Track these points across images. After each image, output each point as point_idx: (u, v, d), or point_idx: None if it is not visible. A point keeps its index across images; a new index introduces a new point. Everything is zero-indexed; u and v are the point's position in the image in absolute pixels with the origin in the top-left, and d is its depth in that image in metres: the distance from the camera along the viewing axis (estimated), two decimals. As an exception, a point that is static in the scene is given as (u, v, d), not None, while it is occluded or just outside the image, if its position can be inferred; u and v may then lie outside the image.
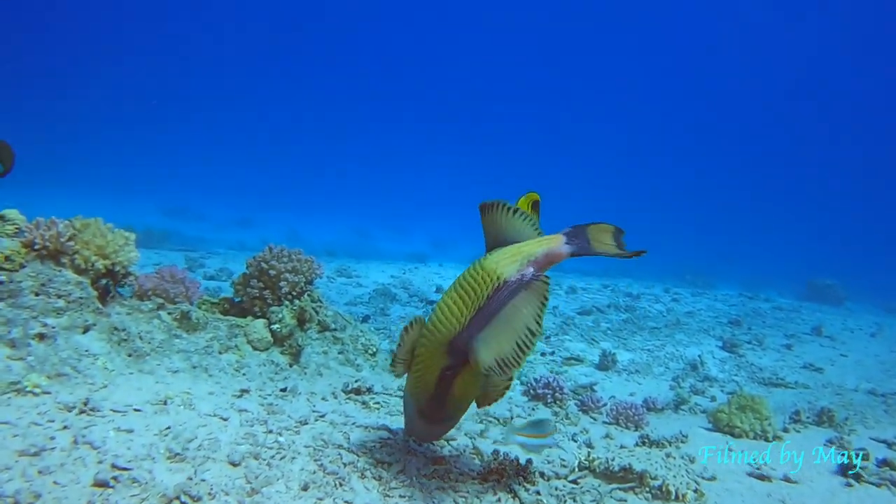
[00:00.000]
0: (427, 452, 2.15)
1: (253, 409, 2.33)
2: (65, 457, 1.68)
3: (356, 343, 3.23)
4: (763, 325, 7.82)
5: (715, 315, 8.27)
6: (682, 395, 4.49)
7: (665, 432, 2.98)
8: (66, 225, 2.41)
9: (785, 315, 8.75)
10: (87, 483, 1.56)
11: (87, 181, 20.28)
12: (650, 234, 22.50)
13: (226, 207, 20.74)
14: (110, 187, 20.22)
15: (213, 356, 2.68)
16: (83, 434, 1.81)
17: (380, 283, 8.36)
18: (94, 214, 2.61)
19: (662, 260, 18.08)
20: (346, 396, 2.74)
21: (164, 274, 2.83)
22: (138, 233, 8.17)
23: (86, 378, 2.20)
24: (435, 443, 2.27)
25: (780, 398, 4.70)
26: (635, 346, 6.16)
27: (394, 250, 16.48)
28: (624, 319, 7.34)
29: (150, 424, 1.99)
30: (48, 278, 2.31)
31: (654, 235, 25.36)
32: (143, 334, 2.53)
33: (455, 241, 20.09)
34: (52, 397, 2.03)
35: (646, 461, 2.26)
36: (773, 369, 5.57)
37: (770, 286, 13.69)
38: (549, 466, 2.27)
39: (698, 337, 6.72)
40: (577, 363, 5.43)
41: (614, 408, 3.27)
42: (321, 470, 1.87)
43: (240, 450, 1.89)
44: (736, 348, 6.17)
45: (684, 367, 5.53)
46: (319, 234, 18.50)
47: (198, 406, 2.22)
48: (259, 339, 2.88)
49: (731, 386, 5.01)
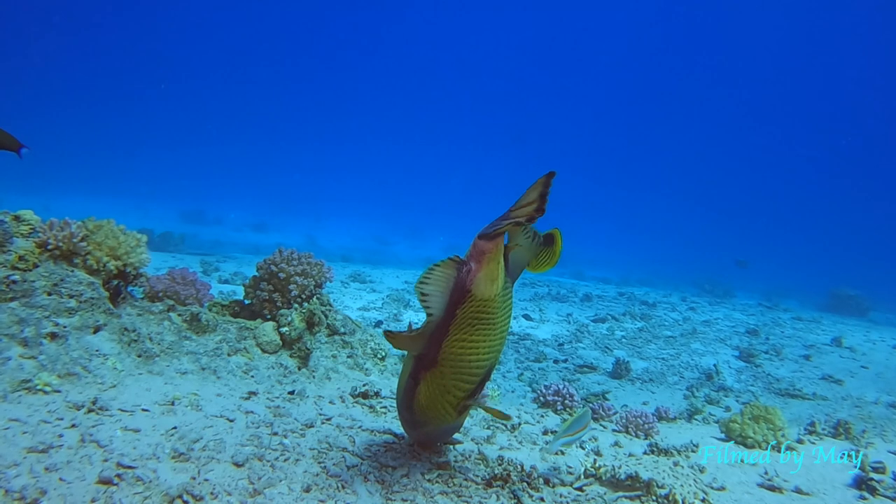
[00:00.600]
0: (432, 457, 2.15)
1: (259, 411, 2.35)
2: (72, 454, 1.71)
3: (365, 347, 3.24)
4: (781, 335, 7.72)
5: (732, 325, 8.18)
6: (696, 404, 4.46)
7: (675, 441, 2.95)
8: (78, 226, 2.45)
9: (805, 325, 8.63)
10: (92, 480, 1.59)
11: (111, 187, 20.64)
12: (669, 244, 22.33)
13: (243, 212, 20.97)
14: (134, 193, 20.56)
15: (221, 358, 2.71)
16: (90, 433, 1.84)
17: (394, 289, 8.39)
18: (118, 219, 2.66)
19: (681, 269, 17.96)
20: (353, 400, 2.75)
21: (174, 276, 2.86)
22: (156, 237, 8.32)
23: (95, 378, 2.23)
24: (442, 447, 2.27)
25: (796, 410, 4.64)
26: (650, 354, 6.12)
27: (411, 256, 16.54)
28: (639, 328, 7.29)
29: (156, 425, 2.02)
30: (61, 278, 2.35)
31: (673, 245, 25.19)
32: (153, 335, 2.57)
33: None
34: (62, 396, 2.07)
35: (653, 470, 2.24)
36: (790, 380, 5.50)
37: (791, 297, 13.53)
38: (555, 473, 2.27)
39: (714, 346, 6.65)
40: (591, 371, 5.41)
41: (624, 416, 3.25)
42: (324, 472, 1.88)
43: (244, 451, 1.91)
44: (753, 358, 6.10)
45: (699, 377, 5.48)
46: (336, 239, 18.64)
47: (205, 407, 2.25)
48: (268, 342, 2.90)
49: (747, 396, 4.95)
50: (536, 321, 7.19)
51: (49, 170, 21.95)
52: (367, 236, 20.91)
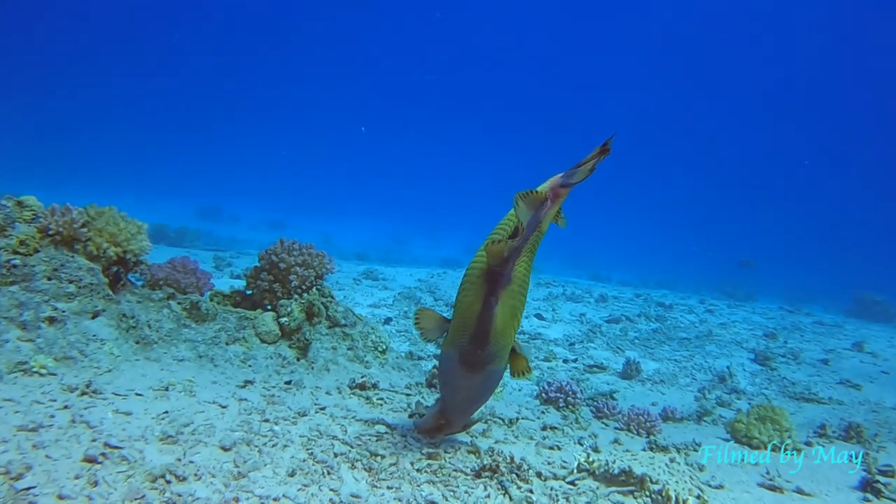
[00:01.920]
0: (423, 448, 2.16)
1: (254, 399, 2.38)
2: (61, 434, 1.74)
3: (366, 340, 3.27)
4: (801, 339, 7.61)
5: (750, 328, 8.08)
6: (707, 406, 4.42)
7: (677, 440, 2.94)
8: (80, 212, 2.50)
9: (826, 330, 8.49)
10: (77, 458, 1.62)
11: (128, 183, 20.96)
12: (692, 247, 22.03)
13: (259, 209, 21.17)
14: (153, 188, 20.87)
15: (220, 347, 2.74)
16: (81, 414, 1.88)
17: (406, 287, 8.41)
18: (135, 214, 2.71)
19: (703, 273, 17.77)
20: (350, 391, 2.77)
21: (175, 264, 2.91)
22: (172, 232, 8.42)
23: (92, 362, 2.28)
24: (445, 437, 2.28)
25: (811, 413, 4.57)
26: (662, 356, 6.07)
27: (427, 256, 16.56)
28: (653, 329, 7.24)
29: (148, 408, 2.06)
30: (61, 263, 2.41)
31: (696, 248, 24.95)
32: (151, 322, 2.61)
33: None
34: (58, 378, 2.11)
35: (648, 465, 2.23)
36: (806, 384, 5.42)
37: (815, 301, 13.33)
38: (548, 467, 2.26)
39: (730, 349, 6.58)
40: (600, 371, 5.38)
41: (626, 414, 3.23)
42: (311, 458, 1.90)
43: (233, 436, 1.93)
44: (769, 361, 6.03)
45: (712, 379, 5.43)
46: (353, 238, 18.72)
47: (199, 394, 2.28)
48: (267, 332, 2.93)
49: (760, 399, 4.89)
50: (549, 321, 7.17)
51: (68, 166, 22.40)
52: (384, 235, 20.99)
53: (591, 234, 27.35)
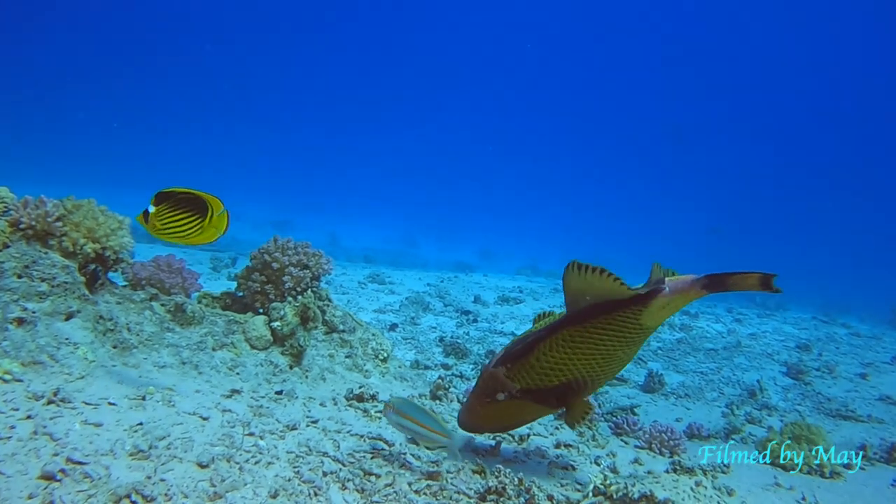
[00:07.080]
0: (423, 467, 2.06)
1: (239, 410, 2.28)
2: (19, 447, 1.65)
3: (366, 347, 3.16)
4: (836, 351, 7.42)
5: (782, 339, 7.90)
6: (735, 423, 4.28)
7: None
8: (55, 205, 2.42)
9: (863, 342, 8.29)
10: (34, 475, 1.53)
11: (126, 180, 21.03)
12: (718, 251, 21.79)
13: (264, 208, 21.14)
14: (152, 188, 20.88)
15: (205, 353, 2.65)
16: (45, 425, 1.79)
17: (414, 291, 8.31)
18: (135, 211, 2.61)
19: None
20: (346, 403, 2.66)
21: (160, 263, 2.82)
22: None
23: (63, 367, 2.19)
24: (440, 454, 2.18)
25: (848, 432, 4.42)
26: (687, 368, 5.92)
27: (439, 259, 16.44)
28: (678, 339, 7.09)
29: (121, 420, 1.96)
30: (32, 260, 2.32)
31: (722, 252, 24.66)
32: (131, 325, 2.52)
33: (509, 252, 20.00)
34: (24, 385, 2.02)
35: (671, 490, 2.11)
36: (843, 400, 5.25)
37: (851, 312, 13.06)
38: (561, 490, 2.15)
39: (760, 361, 6.42)
40: (620, 383, 5.25)
41: (648, 431, 3.11)
42: (297, 477, 1.80)
43: (212, 451, 1.83)
44: (802, 375, 5.86)
45: (741, 394, 5.28)
46: (361, 240, 18.65)
47: (179, 404, 2.19)
48: (258, 338, 2.84)
49: (793, 416, 4.74)
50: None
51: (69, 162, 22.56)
52: (394, 237, 20.87)
53: (614, 243, 27.17)
